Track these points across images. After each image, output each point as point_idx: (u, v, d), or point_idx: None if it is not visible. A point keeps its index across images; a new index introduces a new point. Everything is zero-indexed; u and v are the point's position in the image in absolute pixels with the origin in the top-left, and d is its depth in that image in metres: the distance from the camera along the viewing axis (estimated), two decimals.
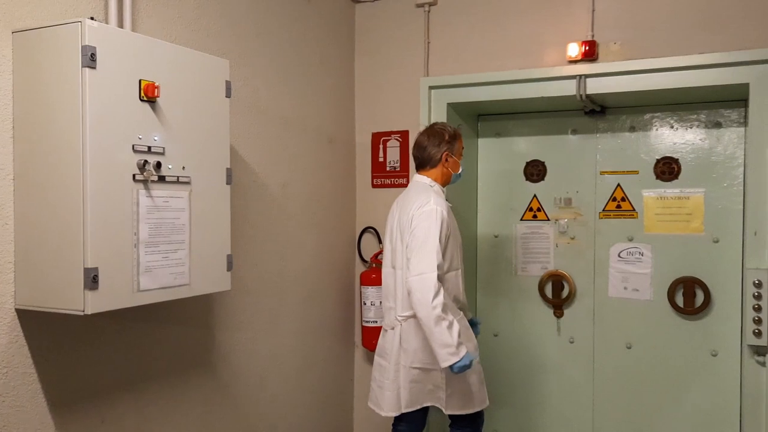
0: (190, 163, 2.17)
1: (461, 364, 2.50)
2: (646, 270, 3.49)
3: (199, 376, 2.63)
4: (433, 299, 2.47)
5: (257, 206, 2.94)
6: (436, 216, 2.59)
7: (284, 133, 3.13)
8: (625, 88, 3.12)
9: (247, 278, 2.86)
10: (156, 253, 2.04)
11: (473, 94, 3.45)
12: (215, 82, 2.29)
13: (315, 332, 3.38)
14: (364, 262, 3.69)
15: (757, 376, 2.88)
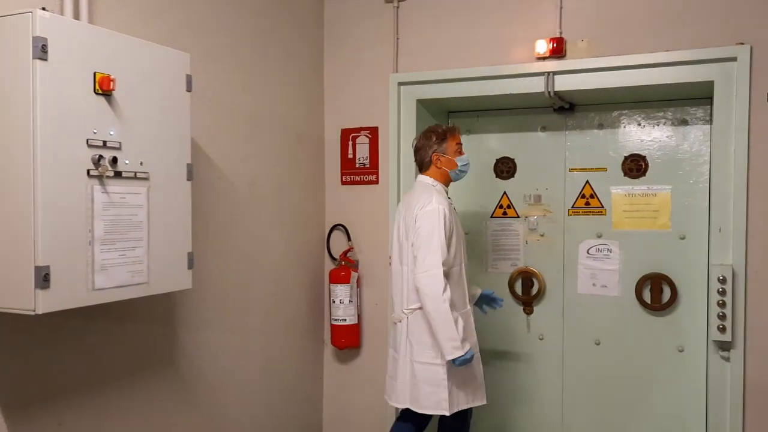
0: (149, 159, 2.12)
1: (464, 358, 2.64)
2: (614, 266, 3.51)
3: (160, 375, 2.58)
4: (441, 293, 2.62)
5: (224, 203, 2.89)
6: (438, 215, 2.71)
7: (251, 130, 3.08)
8: (592, 86, 3.13)
9: (213, 276, 2.81)
10: (112, 251, 1.99)
11: (442, 91, 3.43)
12: (175, 76, 2.24)
13: (283, 331, 3.34)
14: (334, 259, 3.66)
15: (722, 372, 2.91)
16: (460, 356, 2.63)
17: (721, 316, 2.81)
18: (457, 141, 2.93)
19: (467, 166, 2.97)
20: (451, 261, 2.76)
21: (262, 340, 3.18)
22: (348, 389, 3.67)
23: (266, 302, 3.20)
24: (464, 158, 2.95)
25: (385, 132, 3.53)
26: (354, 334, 3.53)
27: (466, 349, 2.64)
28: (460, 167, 2.94)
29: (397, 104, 3.50)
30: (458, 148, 2.93)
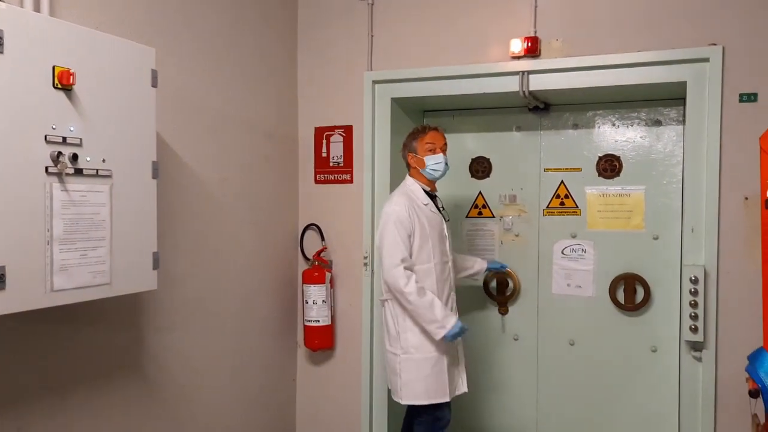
0: (112, 156, 2.06)
1: (452, 333, 2.77)
2: (589, 267, 3.51)
3: (126, 379, 2.51)
4: (404, 287, 2.74)
5: (193, 202, 2.83)
6: (389, 217, 2.83)
7: (221, 127, 3.02)
8: (567, 85, 3.11)
9: (181, 277, 2.75)
10: (72, 251, 1.93)
11: (417, 90, 3.40)
12: (140, 71, 2.18)
13: (254, 332, 3.29)
14: (307, 259, 3.61)
15: (694, 372, 2.91)
16: (446, 333, 2.75)
17: (694, 317, 2.81)
18: (428, 140, 2.93)
19: (440, 165, 2.94)
20: (416, 258, 2.83)
21: (233, 342, 3.12)
22: (321, 392, 3.63)
23: (237, 303, 3.14)
24: (435, 157, 2.93)
25: (359, 131, 3.49)
26: (328, 335, 3.48)
27: (449, 326, 2.76)
28: (429, 166, 2.93)
29: (371, 103, 3.46)
30: (430, 147, 2.92)
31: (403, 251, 2.78)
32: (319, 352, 3.60)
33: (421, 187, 2.96)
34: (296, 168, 3.66)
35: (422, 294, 2.76)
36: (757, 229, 2.78)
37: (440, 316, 2.76)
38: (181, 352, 2.78)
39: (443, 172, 2.96)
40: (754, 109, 2.79)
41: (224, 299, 3.04)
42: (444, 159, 2.95)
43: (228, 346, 3.08)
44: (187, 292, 2.79)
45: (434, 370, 2.86)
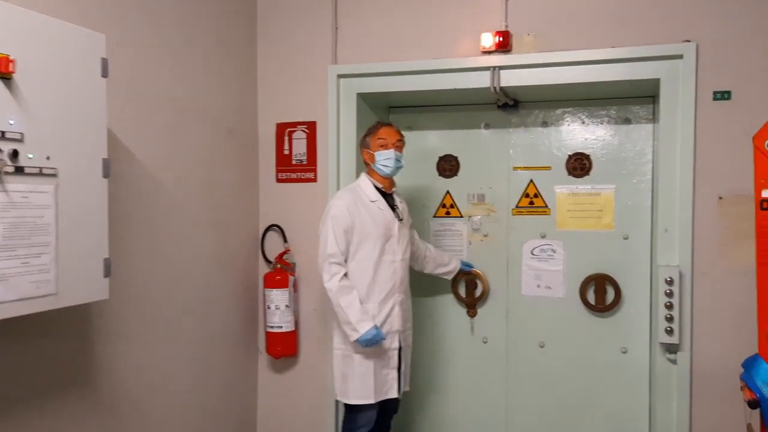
0: (58, 152, 1.86)
1: (363, 339, 2.71)
2: (559, 267, 3.44)
3: (76, 396, 2.30)
4: (325, 283, 2.76)
5: (147, 203, 2.63)
6: (328, 211, 2.83)
7: (177, 122, 2.83)
8: (539, 81, 3.03)
9: (134, 284, 2.55)
10: (13, 259, 1.73)
11: (384, 84, 3.27)
12: (89, 59, 1.99)
13: (213, 340, 3.10)
14: (269, 262, 3.43)
15: (668, 374, 2.87)
16: (359, 338, 2.71)
17: (669, 318, 2.77)
18: (380, 136, 2.88)
19: (389, 160, 2.87)
20: (353, 255, 2.81)
21: (191, 351, 2.93)
22: (285, 401, 3.46)
23: (195, 310, 2.95)
24: (384, 153, 2.87)
25: (323, 127, 3.34)
26: (291, 341, 3.32)
27: (362, 331, 2.70)
28: (378, 161, 2.87)
29: (336, 98, 3.31)
30: (382, 143, 2.87)
31: (333, 246, 2.75)
32: (282, 360, 3.43)
33: (372, 184, 2.90)
34: (256, 166, 3.48)
35: (343, 293, 2.73)
36: (732, 229, 2.76)
37: (354, 319, 2.71)
38: (135, 364, 2.58)
39: (394, 168, 2.88)
40: (728, 107, 2.76)
41: (180, 306, 2.85)
42: (395, 155, 2.87)
43: (185, 356, 2.89)
44: (140, 299, 2.59)
45: (358, 369, 2.82)
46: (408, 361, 3.03)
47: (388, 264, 2.85)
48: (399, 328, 2.89)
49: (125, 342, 2.52)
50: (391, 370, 2.90)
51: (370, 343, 2.73)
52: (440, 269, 3.34)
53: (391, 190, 2.98)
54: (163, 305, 2.73)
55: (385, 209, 2.88)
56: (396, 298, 2.88)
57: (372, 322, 2.74)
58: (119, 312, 2.47)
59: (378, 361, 2.85)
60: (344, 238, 2.78)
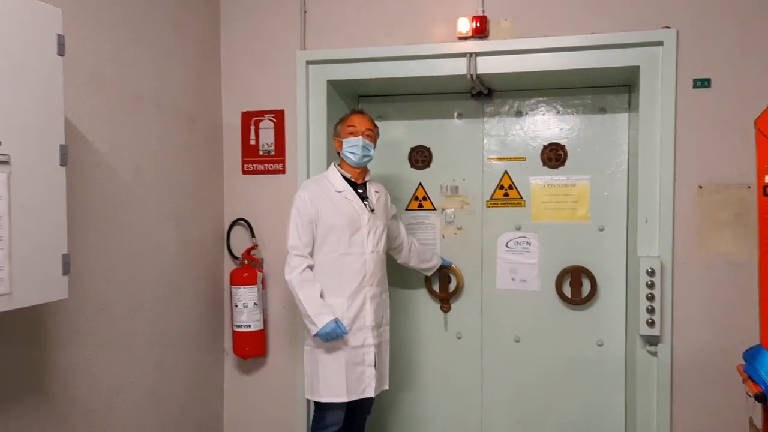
0: (9, 137, 1.67)
1: (322, 332, 2.62)
2: (534, 260, 3.37)
3: (28, 404, 2.10)
4: (286, 275, 2.68)
5: (104, 195, 2.44)
6: (295, 200, 2.74)
7: (137, 108, 2.64)
8: (516, 68, 2.94)
9: (91, 282, 2.36)
10: None
11: (356, 71, 3.13)
12: (43, 36, 1.79)
13: (176, 341, 2.92)
14: (235, 258, 3.26)
15: (648, 367, 2.82)
16: (319, 331, 2.62)
17: (650, 310, 2.72)
18: (350, 123, 2.80)
19: (356, 147, 2.77)
20: (318, 247, 2.73)
21: (153, 353, 2.74)
22: (253, 403, 3.30)
23: (157, 309, 2.77)
24: (352, 140, 2.78)
25: (292, 116, 3.18)
26: (259, 341, 3.16)
27: (321, 323, 2.61)
28: (345, 149, 2.79)
29: (305, 85, 3.16)
30: (351, 130, 2.78)
31: (294, 238, 2.69)
32: (250, 360, 3.27)
33: (341, 174, 2.80)
34: (221, 157, 3.30)
35: (303, 286, 2.65)
36: (712, 218, 2.72)
37: (312, 312, 2.63)
38: (93, 369, 2.39)
39: (361, 157, 2.78)
40: (708, 95, 2.72)
41: (140, 306, 2.66)
42: (363, 143, 2.76)
43: (146, 359, 2.70)
44: (98, 298, 2.40)
45: (329, 365, 2.72)
46: (386, 358, 2.92)
47: (356, 256, 2.74)
48: (371, 324, 2.77)
49: (81, 346, 2.33)
50: (367, 368, 2.78)
51: (329, 337, 2.63)
52: (423, 264, 3.26)
53: (362, 180, 2.86)
54: (122, 305, 2.54)
55: (352, 200, 2.77)
56: (367, 292, 2.77)
57: (332, 315, 2.63)
58: (76, 313, 2.28)
59: (351, 358, 2.73)
60: (308, 230, 2.70)
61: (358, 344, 2.74)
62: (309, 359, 2.79)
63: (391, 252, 3.14)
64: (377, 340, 2.81)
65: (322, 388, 2.73)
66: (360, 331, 2.75)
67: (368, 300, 2.77)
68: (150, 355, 2.72)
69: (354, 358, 2.74)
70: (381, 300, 2.87)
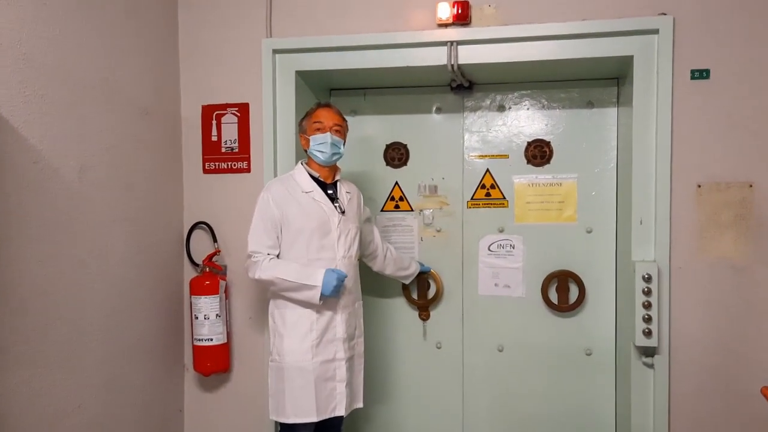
0: None
1: (329, 288, 2.41)
2: (518, 264, 3.17)
3: None
4: (253, 275, 2.48)
5: (42, 197, 2.15)
6: (258, 201, 2.54)
7: (81, 99, 2.35)
8: (502, 58, 2.73)
9: (27, 296, 2.07)
10: None
11: (327, 62, 2.88)
12: None
13: (129, 358, 2.63)
14: (195, 265, 2.98)
15: (645, 379, 2.63)
16: (323, 291, 2.40)
17: (647, 319, 2.52)
18: (316, 118, 2.56)
19: (324, 145, 2.52)
20: (285, 252, 2.50)
21: (103, 372, 2.46)
22: (215, 424, 3.02)
23: (106, 324, 2.48)
24: (319, 137, 2.53)
25: (257, 110, 2.92)
26: (222, 356, 2.88)
27: (319, 281, 2.40)
28: (312, 146, 2.55)
29: (272, 76, 2.89)
30: (318, 126, 2.55)
31: (255, 243, 2.49)
32: (213, 377, 3.00)
33: (308, 173, 2.58)
34: (179, 154, 3.02)
35: (273, 266, 2.45)
36: (711, 220, 2.54)
37: (302, 278, 2.41)
38: (30, 394, 2.10)
39: (329, 155, 2.53)
40: (707, 87, 2.54)
41: (89, 319, 2.38)
42: (331, 140, 2.52)
43: (94, 379, 2.42)
44: (36, 314, 2.11)
45: (296, 383, 2.47)
46: (359, 373, 2.68)
47: (326, 263, 2.50)
48: (343, 336, 2.54)
49: (17, 368, 2.03)
50: (338, 384, 2.54)
51: (337, 288, 2.42)
52: (400, 272, 3.04)
53: (332, 180, 2.63)
54: (65, 321, 2.25)
55: (321, 201, 2.53)
56: (338, 302, 2.53)
57: (320, 269, 2.43)
58: (9, 331, 1.99)
59: (321, 374, 2.48)
60: (272, 234, 2.50)
61: (328, 358, 2.50)
62: (274, 376, 2.54)
63: (365, 259, 2.91)
64: (349, 354, 2.58)
65: (288, 408, 2.48)
66: (330, 344, 2.52)
67: (339, 310, 2.54)
68: (99, 375, 2.44)
69: (324, 374, 2.49)
70: (353, 310, 2.63)
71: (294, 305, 2.49)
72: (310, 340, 2.48)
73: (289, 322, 2.51)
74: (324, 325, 2.50)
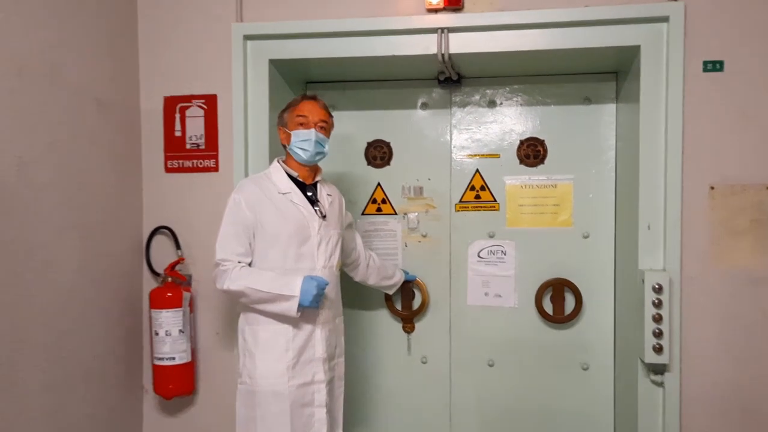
0: None
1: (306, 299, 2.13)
2: (510, 272, 2.95)
3: None
4: (222, 285, 2.20)
5: None
6: (228, 204, 2.26)
7: (21, 86, 2.04)
8: (497, 47, 2.50)
9: None
10: None
11: (304, 49, 2.61)
12: None
13: (80, 381, 2.32)
14: (156, 275, 2.68)
15: (653, 399, 2.41)
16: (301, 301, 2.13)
17: (657, 334, 2.30)
18: (299, 112, 2.29)
19: (307, 143, 2.25)
20: (260, 261, 2.23)
21: (47, 401, 2.15)
22: None
23: (52, 343, 2.17)
24: (302, 133, 2.26)
25: (226, 102, 2.64)
26: (186, 376, 2.59)
27: (296, 290, 2.12)
28: (294, 143, 2.28)
29: (242, 65, 2.62)
30: (301, 120, 2.28)
31: (224, 251, 2.21)
32: (175, 400, 2.69)
33: (285, 172, 2.32)
34: (139, 151, 2.72)
35: (245, 275, 2.17)
36: (726, 225, 2.34)
37: (278, 287, 2.13)
38: None
39: (313, 154, 2.27)
40: (721, 80, 2.34)
41: (31, 342, 2.07)
42: (316, 137, 2.25)
43: (36, 408, 2.11)
44: None
45: (269, 410, 2.20)
46: (339, 397, 2.41)
47: (306, 272, 2.23)
48: (322, 356, 2.27)
49: None
50: (317, 409, 2.26)
51: (318, 298, 2.15)
52: (384, 282, 2.79)
53: (312, 181, 2.36)
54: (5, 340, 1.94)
55: (300, 203, 2.27)
56: (317, 318, 2.26)
57: (298, 276, 2.16)
58: None
59: (298, 398, 2.21)
60: (244, 241, 2.22)
61: (306, 381, 2.23)
62: (244, 401, 2.25)
63: (346, 269, 2.65)
64: (329, 376, 2.31)
65: None
66: (308, 364, 2.25)
67: (319, 327, 2.27)
68: (42, 402, 2.13)
69: (301, 398, 2.22)
70: (334, 326, 2.36)
71: (267, 321, 2.22)
72: (285, 360, 2.21)
73: (262, 340, 2.23)
74: (301, 344, 2.23)
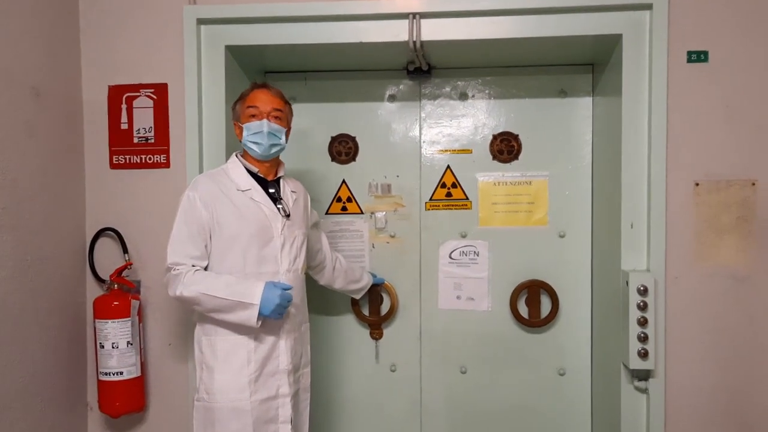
0: None
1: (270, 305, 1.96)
2: (483, 274, 2.81)
3: None
4: (174, 292, 2.01)
5: None
6: (181, 202, 2.07)
7: None
8: (473, 35, 2.35)
9: None
10: None
11: (263, 35, 2.41)
12: None
13: (16, 398, 2.08)
14: (101, 282, 2.45)
15: (636, 407, 2.29)
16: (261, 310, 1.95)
17: (643, 338, 2.18)
18: (250, 103, 2.12)
19: (260, 136, 2.07)
20: (217, 264, 2.05)
21: None
22: None
23: None
24: (254, 125, 2.08)
25: (178, 92, 2.42)
26: (135, 392, 2.36)
27: (257, 299, 1.95)
28: (246, 137, 2.11)
29: (196, 51, 2.40)
30: (252, 112, 2.10)
31: (176, 254, 2.02)
32: (123, 419, 2.46)
33: (244, 167, 2.15)
34: (80, 145, 2.47)
35: (199, 280, 1.98)
36: (710, 223, 2.24)
37: (237, 294, 1.95)
38: None
39: (267, 147, 2.08)
40: (705, 71, 2.24)
41: None
42: (268, 128, 2.07)
43: None
44: None
45: (228, 428, 2.02)
46: (304, 411, 2.23)
47: (269, 277, 2.05)
48: (287, 367, 2.09)
49: None
50: (281, 426, 2.09)
51: (281, 308, 1.98)
52: (351, 285, 2.62)
53: (274, 177, 2.18)
54: None
55: (261, 201, 2.09)
56: (281, 326, 2.08)
57: (260, 282, 1.98)
58: None
59: (261, 415, 2.03)
60: (199, 243, 2.03)
61: (269, 395, 2.05)
62: (201, 419, 2.06)
63: (311, 272, 2.47)
64: (294, 388, 2.13)
65: None
66: (272, 377, 2.07)
67: (283, 336, 2.09)
68: None
69: (264, 414, 2.04)
70: (300, 335, 2.18)
71: (226, 331, 2.03)
72: (247, 374, 2.01)
73: (221, 352, 2.03)
74: (265, 355, 2.04)
